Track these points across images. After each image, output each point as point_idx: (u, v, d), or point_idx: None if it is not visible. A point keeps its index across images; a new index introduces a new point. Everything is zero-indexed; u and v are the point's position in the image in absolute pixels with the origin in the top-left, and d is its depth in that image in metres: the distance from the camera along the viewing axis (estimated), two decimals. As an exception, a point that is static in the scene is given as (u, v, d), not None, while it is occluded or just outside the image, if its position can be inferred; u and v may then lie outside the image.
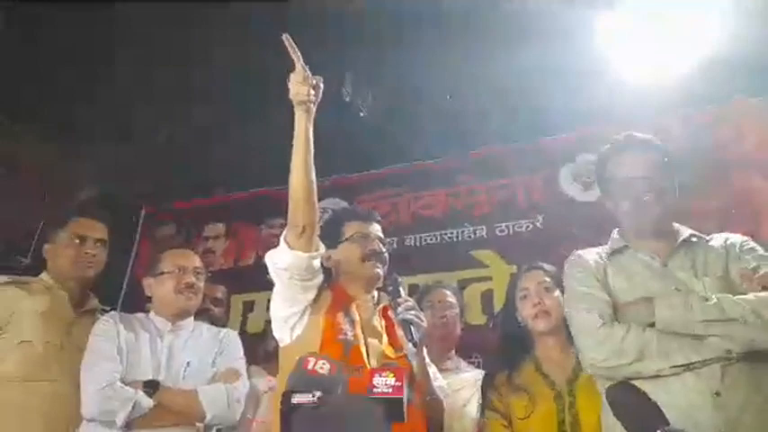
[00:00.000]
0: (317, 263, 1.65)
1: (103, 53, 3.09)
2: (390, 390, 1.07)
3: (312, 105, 1.63)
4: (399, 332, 1.74)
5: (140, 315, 2.10)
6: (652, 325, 1.48)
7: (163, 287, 2.07)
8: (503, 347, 2.05)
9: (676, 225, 1.73)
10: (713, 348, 1.43)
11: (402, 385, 1.07)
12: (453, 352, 2.39)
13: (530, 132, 3.42)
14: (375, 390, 1.07)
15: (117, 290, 3.72)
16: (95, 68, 3.18)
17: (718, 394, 1.40)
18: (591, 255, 1.73)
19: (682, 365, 1.44)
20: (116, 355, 1.90)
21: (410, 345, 1.68)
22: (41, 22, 2.95)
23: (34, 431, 1.97)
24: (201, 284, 2.12)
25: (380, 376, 1.08)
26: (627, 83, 3.17)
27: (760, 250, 1.63)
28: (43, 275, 2.24)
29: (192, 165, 3.89)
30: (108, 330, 1.96)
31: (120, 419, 1.77)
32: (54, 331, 2.09)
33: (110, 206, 3.65)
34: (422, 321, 1.70)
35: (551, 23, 2.85)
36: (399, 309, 1.70)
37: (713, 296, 1.48)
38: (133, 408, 1.77)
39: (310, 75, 1.62)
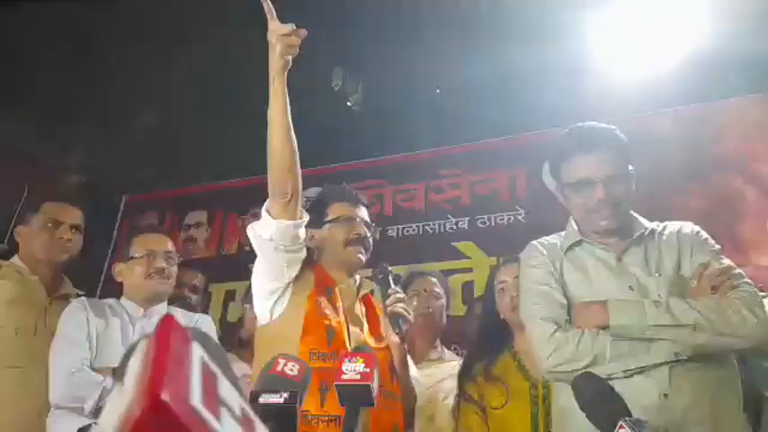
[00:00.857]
0: (302, 232, 1.61)
1: (87, 39, 3.05)
2: (359, 376, 1.07)
3: (290, 62, 1.56)
4: (383, 321, 1.73)
5: (111, 300, 2.06)
6: (605, 327, 1.47)
7: (133, 272, 2.02)
8: (482, 338, 2.06)
9: (634, 215, 1.68)
10: (663, 352, 1.43)
11: (372, 371, 1.07)
12: (438, 341, 2.38)
13: (515, 128, 3.44)
14: (343, 377, 1.07)
15: (97, 278, 3.68)
16: (79, 54, 3.14)
17: (665, 396, 1.41)
18: (546, 247, 1.68)
19: (633, 369, 1.44)
20: (85, 341, 1.87)
21: (395, 336, 1.67)
22: (26, 7, 2.89)
23: (4, 418, 1.94)
24: (174, 269, 2.07)
25: (350, 362, 1.08)
26: (612, 80, 3.20)
27: (711, 243, 1.61)
28: (14, 259, 2.20)
29: (175, 153, 3.85)
30: (77, 316, 1.92)
31: (89, 406, 1.74)
32: (26, 317, 2.06)
33: (90, 193, 3.62)
34: (410, 315, 1.68)
35: (540, 20, 2.86)
36: (389, 300, 1.68)
37: (665, 300, 1.47)
38: (101, 394, 1.74)
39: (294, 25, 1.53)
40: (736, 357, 1.55)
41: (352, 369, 1.08)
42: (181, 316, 2.09)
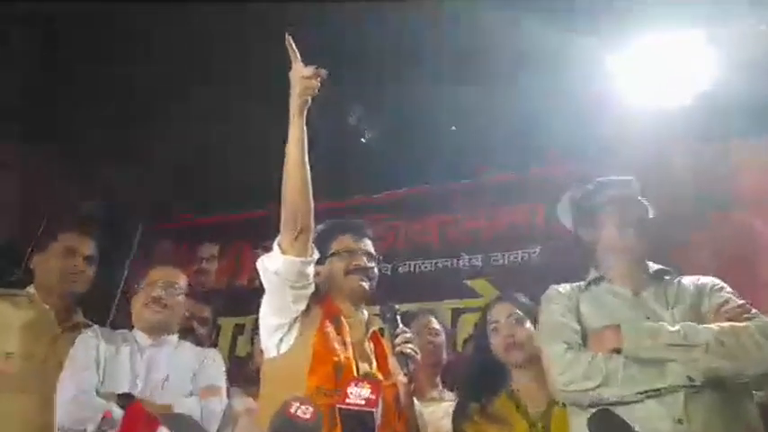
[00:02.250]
0: (310, 270, 1.62)
1: (109, 73, 3.13)
2: (363, 402, 1.05)
3: (310, 101, 1.63)
4: (391, 360, 1.72)
5: (124, 331, 2.08)
6: (618, 352, 1.50)
7: (137, 302, 2.06)
8: (476, 378, 2.03)
9: (648, 262, 1.77)
10: (676, 375, 1.44)
11: (377, 398, 1.06)
12: (438, 379, 2.36)
13: (529, 163, 3.44)
14: (347, 400, 1.06)
15: (109, 307, 3.69)
16: (100, 87, 3.22)
17: (680, 421, 1.41)
18: (566, 288, 1.77)
19: (646, 392, 1.45)
20: (93, 365, 1.88)
21: (402, 376, 1.66)
22: (47, 40, 2.99)
23: (12, 444, 1.93)
24: (175, 300, 2.07)
25: (356, 386, 1.07)
26: (628, 118, 3.20)
27: (729, 290, 1.65)
28: (30, 288, 2.22)
29: (191, 185, 3.90)
30: (88, 342, 1.95)
31: (90, 429, 1.74)
32: (37, 345, 2.06)
33: (108, 223, 3.66)
34: (417, 355, 1.69)
35: (554, 58, 2.89)
36: (397, 340, 1.68)
37: (678, 324, 1.50)
38: (102, 423, 1.73)
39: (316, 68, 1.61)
40: (752, 386, 1.54)
41: (358, 394, 1.07)
42: (189, 348, 2.11)
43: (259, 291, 1.69)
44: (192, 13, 2.84)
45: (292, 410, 1.04)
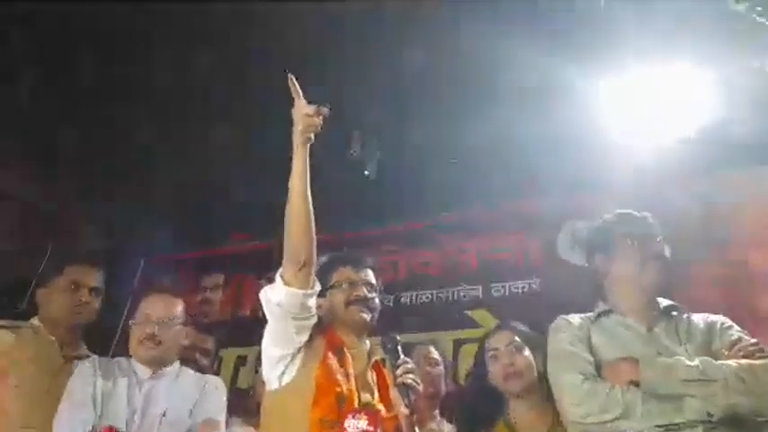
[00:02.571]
0: (312, 302, 1.63)
1: (112, 104, 3.19)
2: None
3: (313, 138, 1.66)
4: (393, 392, 1.72)
5: (122, 359, 2.06)
6: (634, 384, 1.49)
7: (133, 336, 2.04)
8: (473, 408, 2.03)
9: (657, 298, 1.78)
10: (695, 411, 1.43)
11: (374, 429, 1.06)
12: (437, 411, 2.35)
13: (529, 195, 3.47)
14: None
15: (111, 338, 3.68)
16: (103, 118, 3.27)
17: None
18: (575, 318, 1.76)
19: (665, 426, 1.44)
20: (90, 402, 1.86)
21: (404, 408, 1.65)
22: (54, 70, 3.06)
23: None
24: (170, 333, 2.04)
25: (353, 418, 1.07)
26: (627, 151, 3.23)
27: (738, 328, 1.67)
28: (34, 320, 2.23)
29: (194, 217, 3.93)
30: (85, 376, 1.94)
31: None
32: (40, 377, 2.06)
33: (110, 254, 3.68)
34: (419, 385, 1.69)
35: (551, 91, 2.94)
36: (399, 371, 1.68)
37: (697, 359, 1.50)
38: None
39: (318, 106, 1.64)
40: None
41: (355, 426, 1.07)
42: (190, 377, 2.09)
43: (262, 321, 1.70)
44: (192, 45, 2.90)
45: None
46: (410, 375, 1.66)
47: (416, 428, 1.79)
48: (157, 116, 3.27)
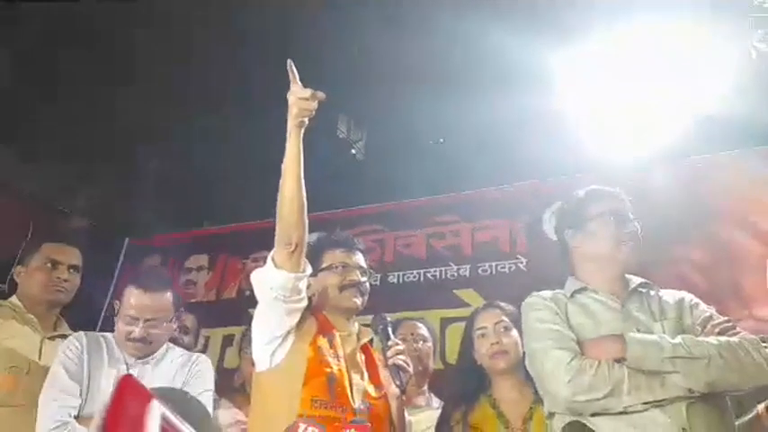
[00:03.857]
0: (303, 284, 1.63)
1: (97, 83, 3.13)
2: None
3: (307, 121, 1.65)
4: (383, 372, 1.73)
5: (109, 335, 2.03)
6: (617, 361, 1.49)
7: (120, 328, 1.99)
8: (458, 386, 2.03)
9: (626, 275, 1.76)
10: (677, 387, 1.45)
11: None
12: (426, 387, 2.36)
13: (516, 177, 3.48)
14: None
15: (96, 319, 3.66)
16: (86, 98, 3.22)
17: (684, 430, 1.42)
18: (549, 294, 1.73)
19: (650, 402, 1.45)
20: (76, 387, 1.84)
21: (394, 388, 1.67)
22: (38, 49, 2.99)
23: (-6, 458, 1.90)
24: (159, 329, 1.98)
25: None
26: (613, 132, 3.26)
27: (705, 306, 1.67)
28: (12, 299, 2.20)
29: (179, 197, 3.90)
30: (73, 356, 1.91)
31: None
32: (20, 356, 2.03)
33: (94, 235, 3.64)
34: (409, 366, 1.70)
35: (541, 72, 2.94)
36: (390, 352, 1.69)
37: (678, 336, 1.51)
38: None
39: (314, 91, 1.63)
40: (732, 401, 1.57)
41: None
42: (178, 356, 2.07)
43: (248, 302, 1.69)
44: (185, 28, 2.86)
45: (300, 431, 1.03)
46: (401, 356, 1.68)
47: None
48: (141, 97, 3.22)
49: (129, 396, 0.32)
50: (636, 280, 1.73)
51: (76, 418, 1.80)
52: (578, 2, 2.75)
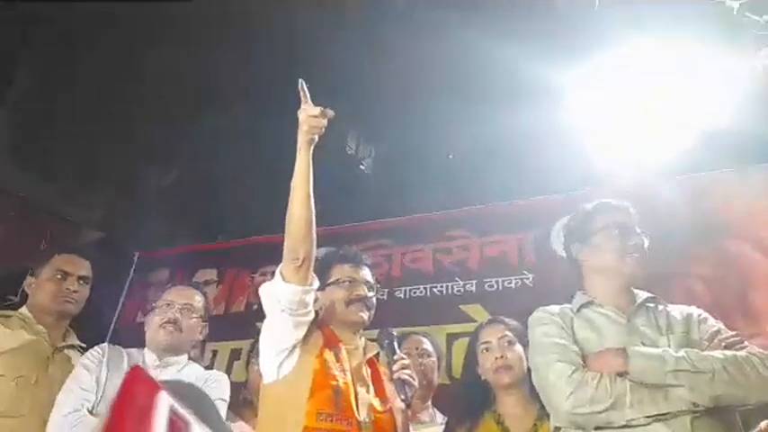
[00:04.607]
0: (310, 298, 1.65)
1: (109, 100, 3.18)
2: None
3: (317, 138, 1.69)
4: (388, 386, 1.74)
5: (133, 350, 2.07)
6: (620, 375, 1.49)
7: (152, 322, 2.06)
8: (463, 401, 2.03)
9: (633, 289, 1.77)
10: (682, 401, 1.44)
11: None
12: (429, 403, 2.36)
13: (524, 192, 3.49)
14: None
15: (105, 332, 3.68)
16: (99, 114, 3.27)
17: None
18: (555, 309, 1.74)
19: (652, 416, 1.44)
20: (92, 383, 1.88)
21: (399, 402, 1.68)
22: (52, 66, 3.05)
23: (1, 468, 1.91)
24: (190, 321, 2.07)
25: None
26: (621, 148, 3.26)
27: (713, 320, 1.67)
28: (23, 309, 2.23)
29: (189, 212, 3.94)
30: (92, 360, 1.96)
31: None
32: (28, 366, 2.06)
33: (104, 249, 3.67)
34: (415, 381, 1.71)
35: (549, 89, 2.96)
36: (395, 366, 1.71)
37: (682, 350, 1.50)
38: None
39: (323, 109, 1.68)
40: (743, 421, 1.55)
41: None
42: (195, 370, 2.10)
43: (255, 316, 1.71)
44: (197, 39, 2.90)
45: None
46: (406, 371, 1.70)
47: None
48: (151, 112, 3.26)
49: (138, 386, 0.33)
50: (643, 295, 1.74)
51: (90, 412, 1.84)
52: (586, 18, 2.78)
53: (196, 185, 3.75)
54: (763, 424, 1.72)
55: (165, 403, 0.39)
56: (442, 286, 3.41)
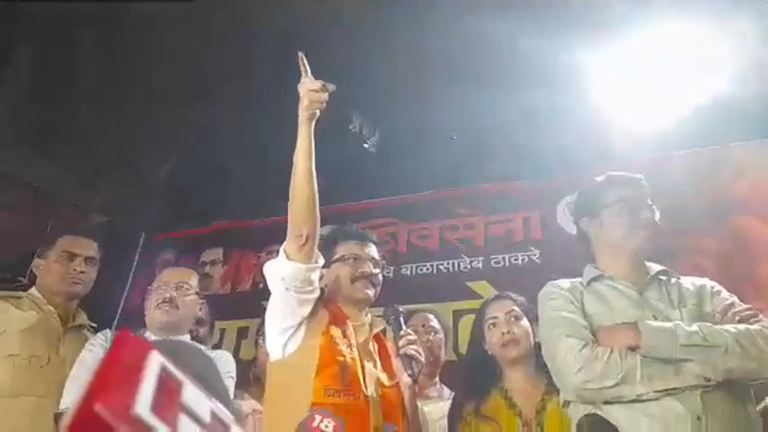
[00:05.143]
0: (315, 275, 1.64)
1: (112, 82, 3.16)
2: None
3: (318, 113, 1.66)
4: (395, 362, 1.75)
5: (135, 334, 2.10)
6: (631, 349, 1.48)
7: (150, 304, 2.07)
8: (470, 377, 2.03)
9: (646, 262, 1.75)
10: (693, 375, 1.43)
11: None
12: (437, 379, 2.37)
13: (529, 171, 3.47)
14: None
15: (114, 312, 3.72)
16: (103, 96, 3.25)
17: (699, 419, 1.40)
18: (565, 283, 1.73)
19: (663, 390, 1.43)
20: None
21: (407, 377, 1.69)
22: (54, 52, 3.03)
23: (15, 446, 1.94)
24: (187, 299, 2.08)
25: None
26: (626, 124, 3.22)
27: (727, 293, 1.65)
28: (32, 290, 2.24)
29: (195, 193, 3.93)
30: (99, 345, 1.97)
31: None
32: (40, 346, 2.08)
33: (111, 231, 3.69)
34: (421, 356, 1.71)
35: (555, 65, 2.91)
36: (401, 342, 1.71)
37: (695, 324, 1.49)
38: None
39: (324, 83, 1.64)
40: (756, 394, 1.55)
41: None
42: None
43: (262, 294, 1.71)
44: (195, 23, 2.87)
45: (315, 424, 1.04)
46: (413, 346, 1.70)
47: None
48: (158, 96, 3.24)
49: (126, 346, 0.33)
50: (655, 267, 1.72)
51: None
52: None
53: (202, 167, 3.74)
54: None
55: (155, 362, 0.39)
56: (448, 263, 3.42)
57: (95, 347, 1.97)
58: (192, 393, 0.41)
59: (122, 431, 0.34)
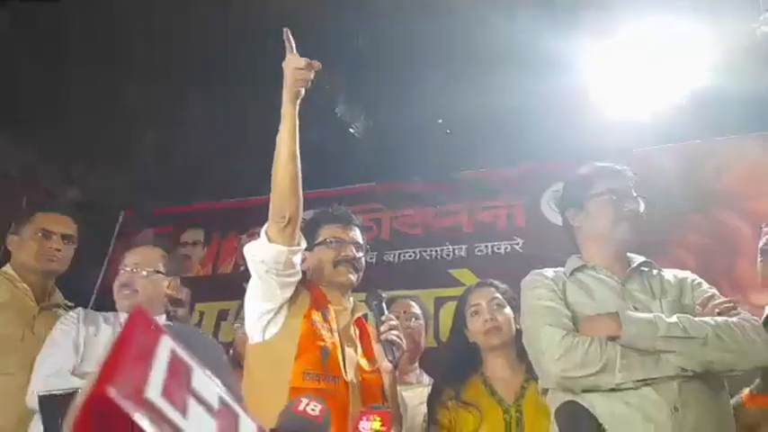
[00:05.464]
0: (297, 258, 1.62)
1: (91, 63, 3.09)
2: None
3: (303, 92, 1.62)
4: (376, 346, 1.74)
5: (109, 314, 2.06)
6: (612, 339, 1.49)
7: (115, 287, 2.04)
8: (451, 364, 2.04)
9: (629, 253, 1.76)
10: (671, 366, 1.44)
11: (387, 430, 1.07)
12: (416, 365, 2.37)
13: (515, 159, 3.47)
14: None
15: (90, 291, 3.66)
16: (81, 75, 3.17)
17: (676, 409, 1.42)
18: (549, 272, 1.73)
19: (641, 380, 1.45)
20: (71, 346, 1.87)
21: (387, 363, 1.68)
22: (30, 31, 2.94)
23: (-13, 424, 1.91)
24: (144, 281, 2.01)
25: (367, 420, 1.08)
26: (612, 116, 3.23)
27: (707, 285, 1.67)
28: (6, 267, 2.19)
29: (175, 172, 3.87)
30: (69, 324, 1.94)
31: None
32: (14, 324, 2.04)
33: (89, 208, 3.62)
34: (402, 342, 1.70)
35: (543, 55, 2.90)
36: (383, 327, 1.70)
37: (675, 315, 1.50)
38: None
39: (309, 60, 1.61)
40: (729, 384, 1.57)
41: (369, 427, 1.07)
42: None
43: (243, 276, 1.68)
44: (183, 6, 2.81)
45: (301, 407, 1.03)
46: (394, 332, 1.69)
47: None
48: (138, 74, 3.17)
49: (140, 328, 0.32)
50: (638, 259, 1.73)
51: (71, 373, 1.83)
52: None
53: (184, 146, 3.68)
54: (745, 392, 1.75)
55: (166, 346, 0.38)
56: (431, 250, 3.42)
57: (66, 326, 1.94)
58: (200, 379, 0.41)
59: (134, 414, 0.35)
